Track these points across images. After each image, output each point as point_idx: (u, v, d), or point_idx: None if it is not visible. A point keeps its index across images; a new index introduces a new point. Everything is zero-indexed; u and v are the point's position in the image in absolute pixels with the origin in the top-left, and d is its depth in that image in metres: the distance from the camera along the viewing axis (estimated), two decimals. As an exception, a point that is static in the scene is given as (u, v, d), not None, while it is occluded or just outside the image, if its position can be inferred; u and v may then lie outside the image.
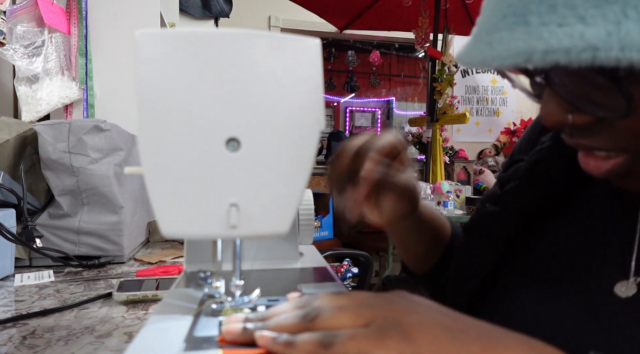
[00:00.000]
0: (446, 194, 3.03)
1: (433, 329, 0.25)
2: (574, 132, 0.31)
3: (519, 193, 0.42)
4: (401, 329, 0.25)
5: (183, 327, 0.31)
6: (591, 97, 0.27)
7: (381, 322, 0.26)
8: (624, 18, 0.21)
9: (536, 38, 0.23)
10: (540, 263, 0.40)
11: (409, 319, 0.25)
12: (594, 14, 0.22)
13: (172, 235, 0.28)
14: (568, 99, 0.28)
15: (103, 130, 0.87)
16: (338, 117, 5.26)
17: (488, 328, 0.27)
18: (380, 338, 0.24)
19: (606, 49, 0.21)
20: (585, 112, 0.28)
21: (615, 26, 0.21)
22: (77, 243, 0.86)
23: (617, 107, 0.26)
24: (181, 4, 2.66)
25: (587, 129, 0.30)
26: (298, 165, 0.29)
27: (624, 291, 0.33)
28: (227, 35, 0.27)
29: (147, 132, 0.26)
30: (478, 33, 0.28)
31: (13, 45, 1.24)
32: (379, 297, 0.28)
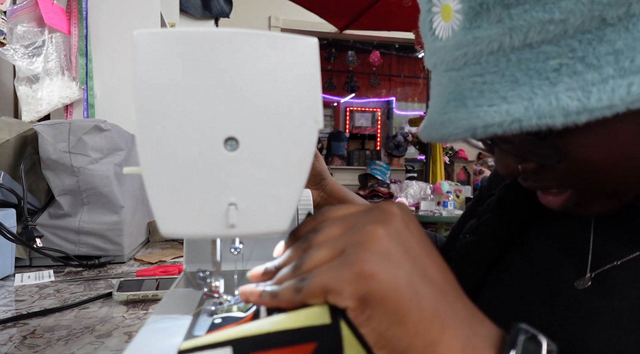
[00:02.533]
0: (446, 194, 3.03)
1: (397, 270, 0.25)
2: (526, 177, 0.37)
3: (492, 224, 0.48)
4: (364, 262, 0.25)
5: (182, 327, 0.31)
6: (530, 150, 0.33)
7: (347, 249, 0.27)
8: (534, 95, 0.28)
9: (475, 117, 0.30)
10: (516, 267, 0.45)
11: (375, 256, 0.26)
12: (512, 95, 0.29)
13: (171, 235, 0.28)
14: (513, 154, 0.35)
15: (103, 130, 0.87)
16: (338, 117, 5.26)
17: (452, 291, 0.27)
18: (338, 269, 0.26)
19: (527, 120, 0.28)
20: (529, 161, 0.34)
21: (529, 102, 0.28)
22: (77, 243, 0.86)
23: (552, 156, 0.32)
24: (181, 4, 2.66)
25: (535, 174, 0.36)
26: (296, 164, 0.29)
27: (581, 285, 0.38)
28: (225, 34, 0.27)
29: (146, 131, 0.26)
30: (430, 115, 0.35)
31: (13, 45, 1.24)
32: (364, 215, 0.29)
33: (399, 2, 2.94)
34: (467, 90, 0.31)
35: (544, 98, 0.28)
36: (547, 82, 0.28)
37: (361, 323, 0.25)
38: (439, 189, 3.05)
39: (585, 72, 0.27)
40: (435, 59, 0.35)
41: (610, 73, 0.27)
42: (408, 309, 0.24)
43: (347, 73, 5.20)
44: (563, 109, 0.27)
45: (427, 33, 0.36)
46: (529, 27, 0.28)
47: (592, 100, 0.27)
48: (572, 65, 0.28)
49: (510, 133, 0.29)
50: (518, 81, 0.29)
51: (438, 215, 2.89)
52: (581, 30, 0.27)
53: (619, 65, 0.27)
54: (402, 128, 5.04)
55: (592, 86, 0.27)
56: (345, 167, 4.52)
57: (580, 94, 0.27)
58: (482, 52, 0.30)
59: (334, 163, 4.49)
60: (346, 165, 4.56)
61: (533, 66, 0.29)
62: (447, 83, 0.33)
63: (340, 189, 0.69)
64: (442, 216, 2.85)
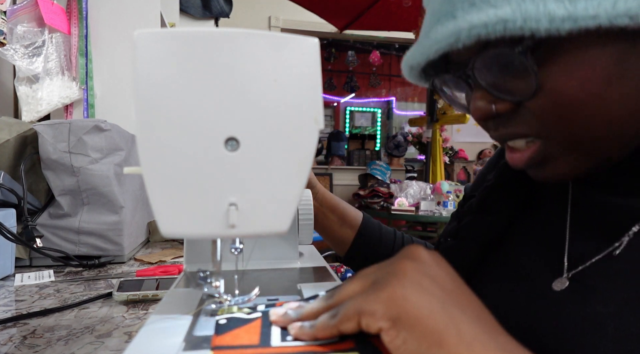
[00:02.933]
0: (446, 194, 3.02)
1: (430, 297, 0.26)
2: (498, 124, 0.37)
3: (473, 226, 0.48)
4: (395, 286, 0.26)
5: (182, 327, 0.31)
6: (507, 85, 0.33)
7: (378, 280, 0.28)
8: (522, 2, 0.29)
9: (462, 22, 0.30)
10: (496, 269, 0.45)
11: (405, 282, 0.26)
12: (502, 3, 0.29)
13: (171, 235, 0.28)
14: (489, 90, 0.34)
15: (103, 130, 0.87)
16: (338, 117, 5.26)
17: (482, 327, 0.26)
18: (371, 294, 0.26)
19: (513, 21, 0.28)
20: (504, 99, 0.34)
21: (517, 6, 0.29)
22: (77, 243, 0.86)
23: (528, 88, 0.32)
24: (181, 4, 2.66)
25: (507, 118, 0.35)
26: (297, 164, 0.29)
27: (559, 286, 0.38)
28: (225, 34, 0.27)
29: (146, 131, 0.26)
30: (419, 38, 0.35)
31: (13, 45, 1.24)
32: (393, 257, 0.30)
33: (399, 2, 2.94)
34: (458, 2, 0.32)
35: (532, 4, 0.28)
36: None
37: (398, 348, 0.25)
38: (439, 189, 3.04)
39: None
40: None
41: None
42: (446, 330, 0.24)
43: (347, 73, 5.20)
44: (549, 14, 0.28)
45: None
46: None
47: (579, 8, 0.27)
48: None
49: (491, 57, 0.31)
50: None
51: (438, 215, 2.88)
52: None
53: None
54: (402, 128, 5.04)
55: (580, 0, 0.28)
56: (345, 167, 4.51)
57: (568, 4, 0.28)
58: None
59: (334, 163, 4.49)
60: (346, 165, 4.56)
61: None
62: (441, 3, 0.34)
63: (331, 198, 0.68)
64: (442, 216, 2.85)
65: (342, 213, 0.68)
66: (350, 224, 0.69)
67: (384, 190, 3.15)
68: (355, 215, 0.70)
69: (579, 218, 0.40)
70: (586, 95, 0.30)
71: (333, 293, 0.30)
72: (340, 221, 0.68)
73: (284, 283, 0.42)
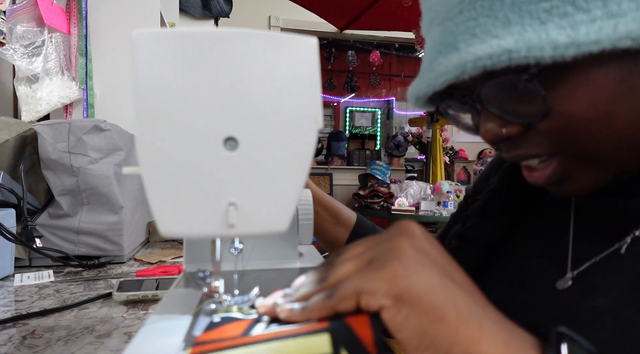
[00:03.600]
0: (446, 194, 3.02)
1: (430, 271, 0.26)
2: (510, 146, 0.37)
3: (477, 229, 0.48)
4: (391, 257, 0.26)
5: (182, 327, 0.31)
6: (516, 109, 0.33)
7: (375, 258, 0.27)
8: (524, 31, 0.29)
9: (465, 54, 0.31)
10: (500, 271, 0.46)
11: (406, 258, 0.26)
12: (503, 32, 0.30)
13: (170, 235, 0.28)
14: (498, 114, 0.35)
15: (103, 130, 0.87)
16: (338, 117, 5.26)
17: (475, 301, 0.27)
18: (370, 272, 0.26)
19: (517, 51, 0.29)
20: (514, 122, 0.34)
21: (520, 36, 0.29)
22: (77, 243, 0.86)
23: (537, 111, 0.32)
24: (181, 4, 2.66)
25: (519, 140, 0.36)
26: (296, 163, 0.28)
27: (562, 285, 0.38)
28: (224, 34, 0.27)
29: (145, 131, 0.26)
30: (422, 69, 0.36)
31: (13, 45, 1.24)
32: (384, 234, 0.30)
33: (399, 2, 2.94)
34: (459, 34, 0.32)
35: (534, 33, 0.29)
36: (538, 21, 0.29)
37: (399, 324, 0.25)
38: (439, 189, 3.04)
39: (575, 14, 0.28)
40: (432, 15, 0.36)
41: (599, 15, 0.28)
42: (445, 306, 0.25)
43: (347, 73, 5.20)
44: (552, 42, 0.28)
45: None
46: None
47: (580, 34, 0.28)
48: (562, 7, 0.29)
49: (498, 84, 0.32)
50: (510, 21, 0.30)
51: (438, 215, 2.88)
52: None
53: (607, 9, 0.28)
54: (402, 128, 5.04)
55: (580, 24, 0.28)
56: (345, 167, 4.51)
57: (569, 30, 0.28)
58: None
59: (334, 163, 4.49)
60: (346, 165, 4.56)
61: (525, 8, 0.30)
62: (441, 34, 0.34)
63: (323, 196, 0.67)
64: (442, 216, 2.85)
65: (336, 212, 0.68)
66: (344, 223, 0.68)
67: (384, 190, 3.15)
68: (349, 214, 0.70)
69: (583, 219, 0.40)
70: (595, 114, 0.31)
71: (324, 274, 0.30)
72: (334, 221, 0.68)
73: (283, 283, 0.42)
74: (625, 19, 0.27)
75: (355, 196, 3.31)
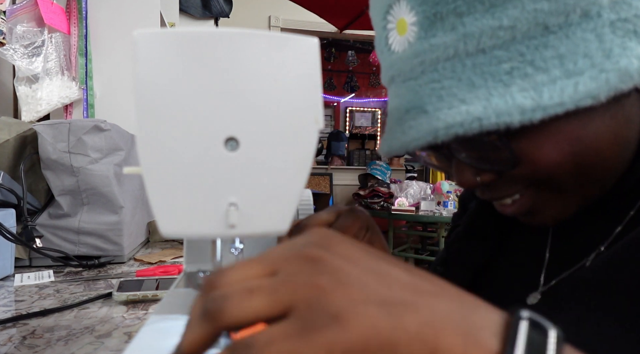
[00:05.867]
0: (446, 194, 3.03)
1: (366, 308, 0.20)
2: (484, 189, 0.38)
3: (462, 253, 0.49)
4: (329, 317, 0.20)
5: (182, 327, 0.31)
6: (487, 158, 0.35)
7: (303, 310, 0.20)
8: (490, 96, 0.30)
9: (435, 120, 0.31)
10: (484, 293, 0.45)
11: (336, 300, 0.20)
12: (470, 97, 0.31)
13: (171, 235, 0.28)
14: (471, 164, 0.36)
15: (103, 130, 0.87)
16: (338, 117, 5.26)
17: (428, 289, 0.22)
18: (306, 335, 0.19)
19: (487, 118, 0.29)
20: (486, 170, 0.36)
21: (487, 102, 0.30)
22: (77, 243, 0.86)
23: (506, 161, 0.34)
24: (181, 4, 2.66)
25: (492, 184, 0.37)
26: (297, 164, 0.28)
27: (532, 300, 0.40)
28: (225, 34, 0.27)
29: (146, 131, 0.26)
30: (390, 127, 0.36)
31: (13, 45, 1.24)
32: (296, 258, 0.22)
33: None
34: (425, 96, 0.33)
35: (500, 98, 0.30)
36: (501, 84, 0.30)
37: None
38: (439, 189, 3.04)
39: (535, 74, 0.30)
40: (393, 71, 0.36)
41: (558, 75, 0.29)
42: (396, 340, 0.20)
43: (347, 73, 5.20)
44: (519, 107, 0.29)
45: (384, 49, 0.38)
46: (480, 33, 0.31)
47: (545, 98, 0.29)
48: (522, 68, 0.30)
49: (468, 139, 0.32)
50: (474, 84, 0.31)
51: (438, 215, 2.88)
52: (528, 36, 0.30)
53: (564, 68, 0.29)
54: (402, 128, 5.04)
55: (542, 86, 0.29)
56: (345, 167, 4.51)
57: (533, 93, 0.29)
58: (438, 58, 0.32)
59: (334, 163, 4.49)
60: (346, 165, 4.56)
61: (487, 70, 0.31)
62: (405, 92, 0.35)
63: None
64: (442, 216, 2.85)
65: None
66: None
67: (384, 190, 3.15)
68: None
69: (559, 237, 0.42)
70: (562, 158, 0.32)
71: (209, 303, 0.21)
72: None
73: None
74: (583, 78, 0.29)
75: (355, 196, 3.31)
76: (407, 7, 0.34)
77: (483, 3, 0.31)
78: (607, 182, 0.35)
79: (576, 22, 0.30)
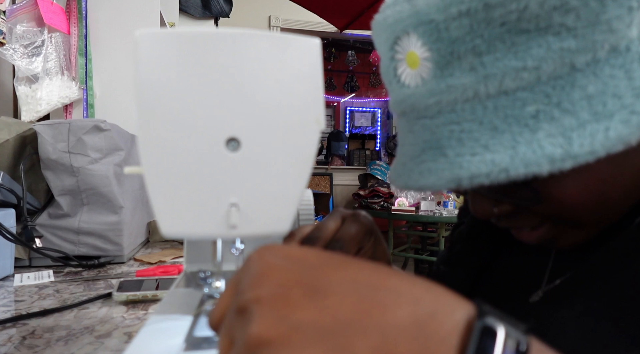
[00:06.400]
0: (446, 194, 3.02)
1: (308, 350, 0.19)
2: (501, 219, 0.37)
3: (465, 253, 0.49)
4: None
5: (183, 327, 0.31)
6: (508, 193, 0.33)
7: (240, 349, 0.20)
8: (516, 143, 0.28)
9: (458, 167, 0.30)
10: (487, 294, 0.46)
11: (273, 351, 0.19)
12: (494, 143, 0.29)
13: (172, 235, 0.28)
14: (490, 197, 0.35)
15: (103, 130, 0.87)
16: (338, 117, 5.26)
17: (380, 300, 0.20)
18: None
19: (514, 169, 0.28)
20: (506, 203, 0.35)
21: (513, 151, 0.28)
22: (76, 243, 0.86)
23: (529, 199, 0.33)
24: (181, 4, 2.66)
25: (510, 215, 0.36)
26: (298, 164, 0.28)
27: (535, 298, 0.39)
28: (227, 35, 0.27)
29: (147, 131, 0.26)
30: (404, 162, 0.35)
31: (13, 45, 1.24)
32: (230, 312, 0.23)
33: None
34: (444, 138, 0.31)
35: (527, 146, 0.28)
36: (527, 129, 0.28)
37: None
38: (438, 189, 3.04)
39: (563, 118, 0.28)
40: (405, 106, 0.34)
41: (587, 118, 0.28)
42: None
43: (347, 73, 5.20)
44: (548, 157, 0.27)
45: (392, 80, 0.35)
46: (503, 74, 0.29)
47: (575, 146, 0.27)
48: (549, 111, 0.28)
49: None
50: (497, 128, 0.29)
51: (438, 215, 2.88)
52: (554, 76, 0.28)
53: (593, 110, 0.28)
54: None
55: (571, 131, 0.28)
56: (345, 167, 4.51)
57: (562, 140, 0.28)
58: (456, 100, 0.30)
59: (334, 163, 4.49)
60: (346, 165, 4.56)
61: (510, 113, 0.29)
62: (421, 131, 0.33)
63: None
64: (443, 216, 2.85)
65: None
66: None
67: (384, 190, 3.15)
68: None
69: None
70: (585, 198, 0.32)
71: None
72: None
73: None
74: (613, 122, 0.27)
75: (355, 196, 3.31)
76: (418, 41, 0.31)
77: (504, 42, 0.28)
78: (626, 208, 0.35)
79: (604, 58, 0.28)
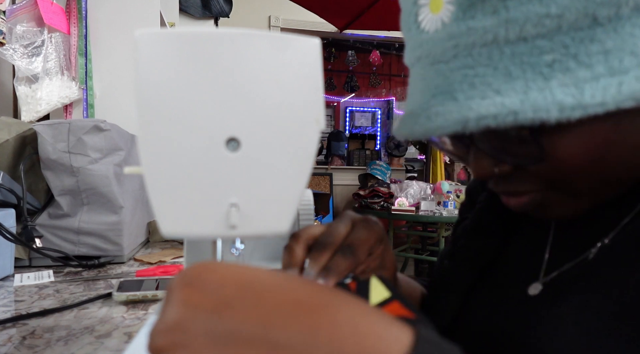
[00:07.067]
0: (446, 194, 3.03)
1: None
2: (499, 182, 0.37)
3: (469, 248, 0.49)
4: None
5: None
6: (510, 150, 0.33)
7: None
8: (528, 89, 0.28)
9: (467, 109, 0.29)
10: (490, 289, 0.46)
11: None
12: (506, 88, 0.29)
13: (171, 235, 0.28)
14: (492, 154, 0.34)
15: (103, 130, 0.87)
16: (338, 117, 5.26)
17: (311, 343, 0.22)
18: None
19: (523, 112, 0.28)
20: (507, 162, 0.34)
21: (525, 95, 0.28)
22: (76, 243, 0.86)
23: (531, 156, 0.32)
24: (181, 4, 2.66)
25: (509, 177, 0.36)
26: (298, 164, 0.28)
27: (533, 291, 0.39)
28: (227, 35, 0.27)
29: (147, 131, 0.26)
30: (413, 110, 0.34)
31: (13, 45, 1.24)
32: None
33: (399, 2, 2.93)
34: (456, 82, 0.31)
35: (539, 92, 0.28)
36: (540, 77, 0.28)
37: None
38: (439, 189, 3.04)
39: (578, 69, 0.28)
40: (420, 51, 0.34)
41: (601, 72, 0.28)
42: None
43: (347, 73, 5.20)
44: (558, 104, 0.27)
45: (412, 26, 0.35)
46: (525, 19, 0.28)
47: (586, 96, 0.27)
48: (565, 61, 0.28)
49: (495, 130, 0.30)
50: (511, 74, 0.29)
51: (438, 215, 2.88)
52: (574, 28, 0.28)
53: (609, 64, 0.28)
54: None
55: (584, 83, 0.28)
56: (345, 167, 4.51)
57: (574, 90, 0.28)
58: (474, 43, 0.30)
59: (334, 163, 4.49)
60: (346, 165, 4.56)
61: (527, 60, 0.29)
62: (434, 76, 0.33)
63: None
64: (443, 216, 2.85)
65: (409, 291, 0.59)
66: None
67: (384, 190, 3.15)
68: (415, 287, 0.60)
69: (562, 229, 0.41)
70: (587, 160, 0.31)
71: None
72: None
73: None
74: (628, 77, 0.27)
75: (355, 196, 3.31)
76: None
77: None
78: (624, 185, 0.35)
79: (627, 15, 0.28)
